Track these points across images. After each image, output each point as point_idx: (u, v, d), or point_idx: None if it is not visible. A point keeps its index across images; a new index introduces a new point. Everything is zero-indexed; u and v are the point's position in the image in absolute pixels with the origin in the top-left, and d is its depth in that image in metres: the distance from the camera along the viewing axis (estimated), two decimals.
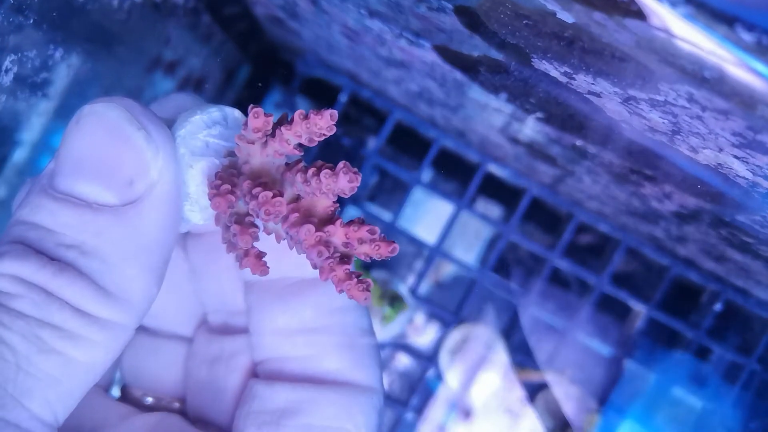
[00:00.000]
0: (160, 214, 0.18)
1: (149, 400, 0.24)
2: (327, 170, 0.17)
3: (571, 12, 0.20)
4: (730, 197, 0.29)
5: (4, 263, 0.17)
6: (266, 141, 0.19)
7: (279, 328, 0.21)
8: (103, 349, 0.17)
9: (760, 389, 0.46)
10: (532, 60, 0.25)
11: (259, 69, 0.49)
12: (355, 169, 0.18)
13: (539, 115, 0.32)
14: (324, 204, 0.18)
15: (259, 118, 0.18)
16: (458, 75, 0.33)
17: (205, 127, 0.20)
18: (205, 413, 0.23)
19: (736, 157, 0.23)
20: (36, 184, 0.18)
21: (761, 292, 0.43)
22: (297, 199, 0.19)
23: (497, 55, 0.27)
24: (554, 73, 0.25)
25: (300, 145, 0.19)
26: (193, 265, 0.23)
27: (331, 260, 0.18)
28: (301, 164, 0.19)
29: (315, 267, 0.18)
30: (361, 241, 0.18)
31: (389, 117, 0.47)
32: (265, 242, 0.20)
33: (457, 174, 0.52)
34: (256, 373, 0.22)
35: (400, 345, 0.50)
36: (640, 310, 0.48)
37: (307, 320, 0.21)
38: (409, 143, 0.50)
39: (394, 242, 0.18)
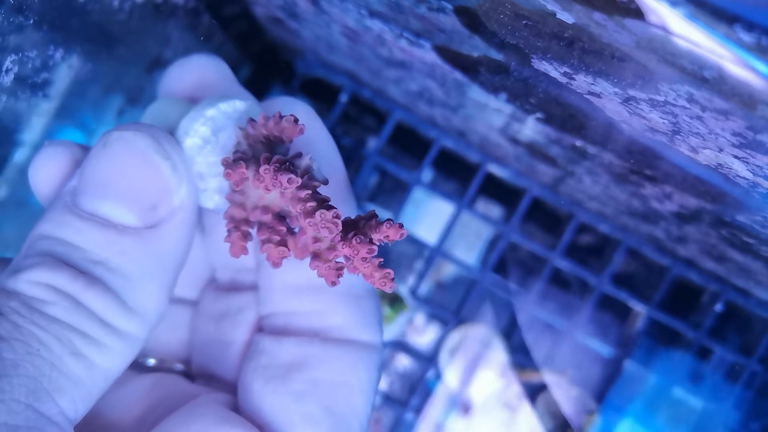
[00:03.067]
0: (179, 237, 0.20)
1: (151, 362, 0.24)
2: (359, 238, 0.19)
3: (571, 12, 0.20)
4: (731, 197, 0.29)
5: (39, 272, 0.18)
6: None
7: (287, 284, 0.22)
8: (120, 358, 0.19)
9: (760, 389, 0.46)
10: (532, 60, 0.25)
11: (259, 69, 0.49)
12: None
13: (539, 115, 0.32)
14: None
15: (236, 173, 0.19)
16: (458, 75, 0.33)
17: (225, 118, 0.21)
18: (209, 369, 0.23)
19: (736, 157, 0.23)
20: (58, 201, 0.19)
21: (762, 292, 0.43)
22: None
23: (497, 55, 0.27)
24: (554, 74, 0.25)
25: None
26: (205, 223, 0.24)
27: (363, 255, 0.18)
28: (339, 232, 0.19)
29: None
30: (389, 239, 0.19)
31: (389, 117, 0.47)
32: None
33: (458, 174, 0.52)
34: (261, 327, 0.23)
35: (400, 345, 0.50)
36: (640, 310, 0.48)
37: (314, 277, 0.21)
38: (410, 143, 0.50)
39: (403, 230, 0.19)
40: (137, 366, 0.24)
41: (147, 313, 0.19)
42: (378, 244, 0.19)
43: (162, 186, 0.19)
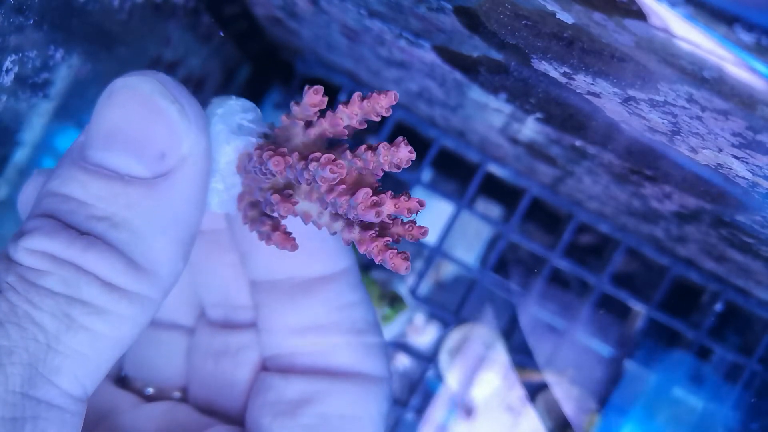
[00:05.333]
0: (190, 187, 0.19)
1: (150, 390, 0.24)
2: (385, 144, 0.18)
3: (570, 12, 0.20)
4: (730, 197, 0.29)
5: (35, 240, 0.17)
6: (312, 122, 0.20)
7: (290, 326, 0.22)
8: (130, 323, 0.18)
9: (761, 390, 0.46)
10: (532, 60, 0.25)
11: (259, 69, 0.49)
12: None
13: (539, 115, 0.32)
14: (369, 180, 0.19)
15: (317, 95, 0.19)
16: (458, 75, 0.33)
17: (241, 111, 0.21)
18: (211, 405, 0.23)
19: (735, 157, 0.23)
20: (66, 156, 0.18)
21: (762, 292, 0.43)
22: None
23: (497, 55, 0.27)
24: (554, 74, 0.25)
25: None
26: (193, 261, 0.23)
27: (373, 232, 0.18)
28: (347, 145, 0.19)
29: (354, 239, 0.18)
30: (410, 211, 0.18)
31: (389, 117, 0.47)
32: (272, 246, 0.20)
33: (457, 174, 0.52)
34: (265, 367, 0.22)
35: (400, 345, 0.50)
36: (640, 310, 0.48)
37: (317, 317, 0.21)
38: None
39: (425, 227, 0.19)
40: (138, 394, 0.24)
41: (158, 270, 0.18)
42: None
43: (170, 132, 0.18)
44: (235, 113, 0.21)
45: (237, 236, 0.22)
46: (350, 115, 0.19)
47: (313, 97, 0.19)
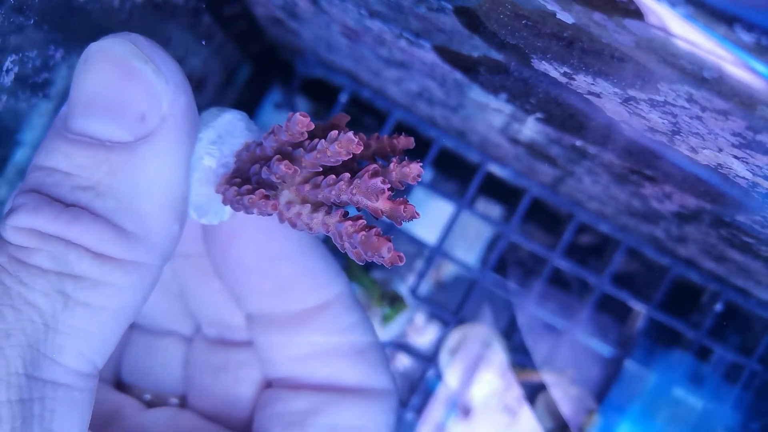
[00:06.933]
0: (173, 147, 0.18)
1: (148, 397, 0.24)
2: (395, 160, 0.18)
3: (570, 12, 0.20)
4: (730, 197, 0.29)
5: (20, 217, 0.17)
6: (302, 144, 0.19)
7: (291, 357, 0.22)
8: (130, 292, 0.17)
9: (760, 390, 0.46)
10: (532, 60, 0.25)
11: (259, 69, 0.49)
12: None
13: (539, 115, 0.32)
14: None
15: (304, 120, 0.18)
16: (458, 75, 0.33)
17: (238, 122, 0.21)
18: (212, 416, 0.23)
19: (735, 157, 0.23)
20: (51, 130, 0.18)
21: (762, 292, 0.43)
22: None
23: (497, 55, 0.27)
24: (554, 74, 0.25)
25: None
26: (184, 284, 0.23)
27: (352, 223, 0.18)
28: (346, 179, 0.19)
29: (354, 202, 0.18)
30: (407, 176, 0.18)
31: (389, 117, 0.47)
32: (270, 279, 0.20)
33: (458, 174, 0.52)
34: (270, 384, 0.22)
35: (401, 345, 0.50)
36: (640, 310, 0.48)
37: (317, 345, 0.21)
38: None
39: (412, 206, 0.18)
40: (138, 399, 0.24)
41: (150, 236, 0.17)
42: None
43: (147, 92, 0.18)
44: (233, 126, 0.21)
45: (227, 280, 0.22)
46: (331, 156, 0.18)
47: (299, 124, 0.18)
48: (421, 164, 0.18)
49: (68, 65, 0.29)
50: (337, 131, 0.18)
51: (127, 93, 0.18)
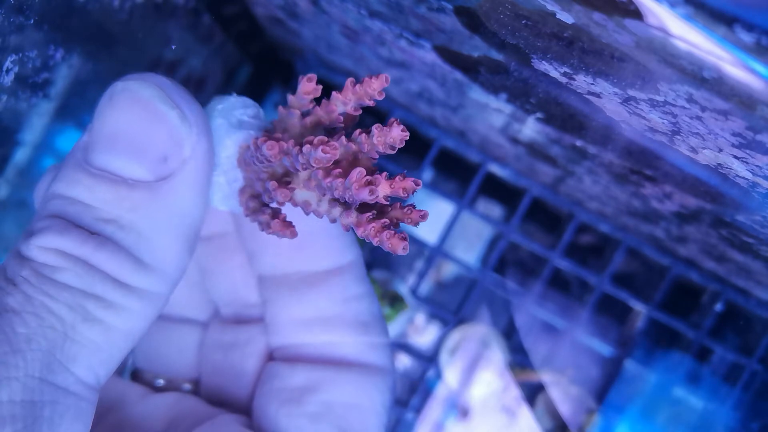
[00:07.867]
0: (193, 187, 0.19)
1: (161, 382, 0.24)
2: (378, 125, 0.18)
3: (570, 12, 0.20)
4: (730, 197, 0.29)
5: (48, 238, 0.17)
6: (307, 112, 0.20)
7: (295, 318, 0.22)
8: (140, 317, 0.18)
9: (761, 390, 0.46)
10: (532, 60, 0.25)
11: (259, 69, 0.49)
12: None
13: (539, 115, 0.32)
14: (365, 164, 0.19)
15: (311, 83, 0.19)
16: (458, 75, 0.33)
17: (241, 107, 0.21)
18: (221, 395, 0.23)
19: (735, 157, 0.23)
20: (70, 158, 0.19)
21: (762, 292, 0.43)
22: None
23: (497, 55, 0.27)
24: (554, 74, 0.25)
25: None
26: (203, 266, 0.24)
27: (370, 214, 0.18)
28: (342, 132, 0.19)
29: (352, 223, 0.18)
30: (405, 191, 0.18)
31: (389, 117, 0.47)
32: (280, 241, 0.20)
33: (458, 174, 0.52)
34: (272, 357, 0.23)
35: (401, 345, 0.50)
36: (640, 310, 0.48)
37: (322, 309, 0.22)
38: (410, 143, 0.50)
39: (424, 210, 0.18)
40: (149, 386, 0.24)
41: (165, 268, 0.19)
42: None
43: (171, 136, 0.19)
44: (235, 109, 0.21)
45: (244, 234, 0.23)
46: (344, 101, 0.19)
47: (307, 86, 0.19)
48: (404, 129, 0.18)
49: (68, 65, 0.29)
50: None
51: (151, 134, 0.19)
